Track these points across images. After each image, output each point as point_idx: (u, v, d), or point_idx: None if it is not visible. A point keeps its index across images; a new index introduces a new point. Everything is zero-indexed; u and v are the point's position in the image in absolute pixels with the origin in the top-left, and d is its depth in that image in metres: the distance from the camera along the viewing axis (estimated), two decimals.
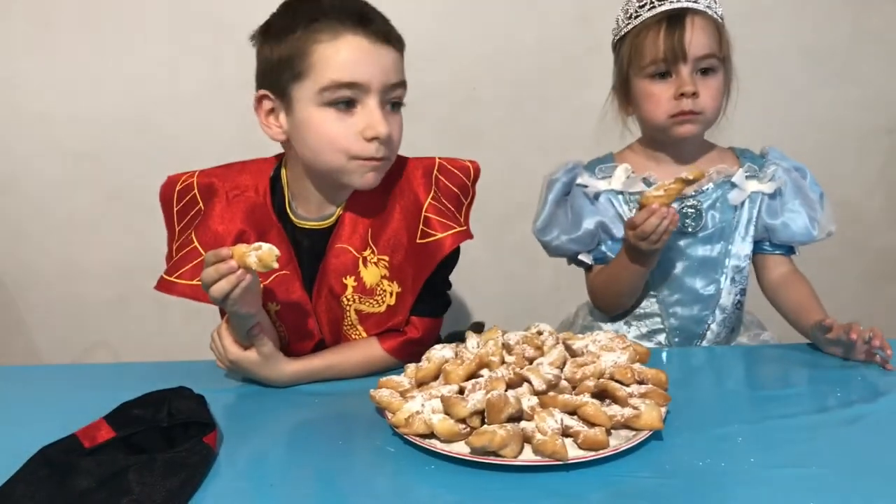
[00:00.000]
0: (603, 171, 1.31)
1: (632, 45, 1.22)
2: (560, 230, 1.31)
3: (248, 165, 1.14)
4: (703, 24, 1.19)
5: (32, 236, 2.00)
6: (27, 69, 1.87)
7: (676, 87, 1.19)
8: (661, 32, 1.18)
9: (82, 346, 2.09)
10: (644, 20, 1.20)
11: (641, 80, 1.23)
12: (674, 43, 1.17)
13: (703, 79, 1.21)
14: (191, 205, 1.10)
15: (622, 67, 1.26)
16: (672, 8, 1.19)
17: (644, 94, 1.23)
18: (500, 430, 0.82)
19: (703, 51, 1.18)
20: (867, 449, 0.86)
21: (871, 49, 1.88)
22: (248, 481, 0.83)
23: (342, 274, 1.08)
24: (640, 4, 1.22)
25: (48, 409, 1.03)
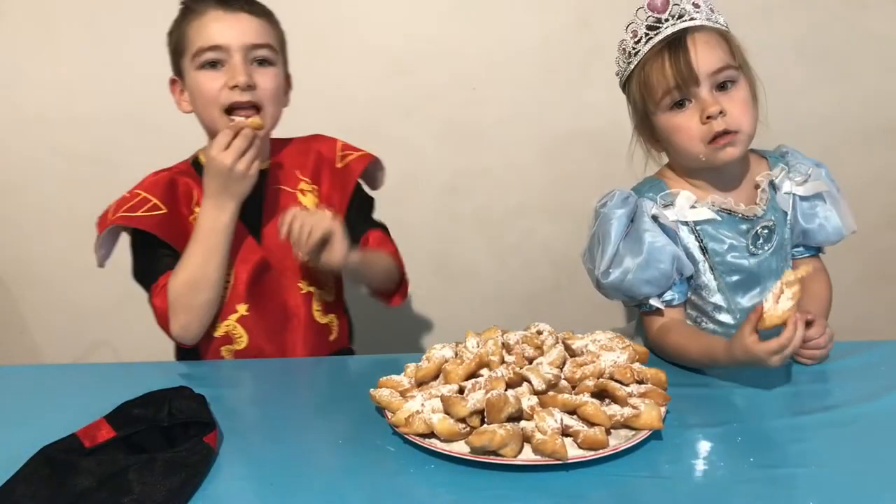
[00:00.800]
0: (664, 199, 1.18)
1: (640, 83, 1.16)
2: (629, 270, 1.14)
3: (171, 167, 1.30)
4: (706, 39, 1.11)
5: (32, 236, 2.00)
6: (27, 69, 1.87)
7: (700, 111, 1.10)
8: (664, 61, 1.11)
9: (83, 346, 2.09)
10: (644, 55, 1.14)
11: (662, 114, 1.15)
12: (680, 68, 1.10)
13: (725, 94, 1.12)
14: (132, 193, 1.24)
15: (637, 107, 1.20)
16: (670, 34, 1.12)
17: (670, 128, 1.14)
18: (499, 429, 0.82)
19: (715, 65, 1.10)
20: (867, 449, 0.86)
21: (871, 49, 1.88)
22: (248, 481, 0.83)
23: (286, 207, 1.18)
24: (636, 40, 1.15)
25: (48, 408, 1.03)
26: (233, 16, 1.15)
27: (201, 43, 1.15)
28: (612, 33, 1.85)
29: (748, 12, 1.81)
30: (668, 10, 1.12)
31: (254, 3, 1.19)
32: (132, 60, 1.85)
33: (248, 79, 1.14)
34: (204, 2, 1.17)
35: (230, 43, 1.15)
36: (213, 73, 1.16)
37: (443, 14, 1.84)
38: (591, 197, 1.95)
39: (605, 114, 1.89)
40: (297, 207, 1.17)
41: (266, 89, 1.17)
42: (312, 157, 1.28)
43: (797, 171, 1.22)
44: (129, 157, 1.90)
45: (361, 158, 1.29)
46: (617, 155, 1.94)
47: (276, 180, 1.25)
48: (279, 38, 1.23)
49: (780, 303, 0.94)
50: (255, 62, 1.17)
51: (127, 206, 1.18)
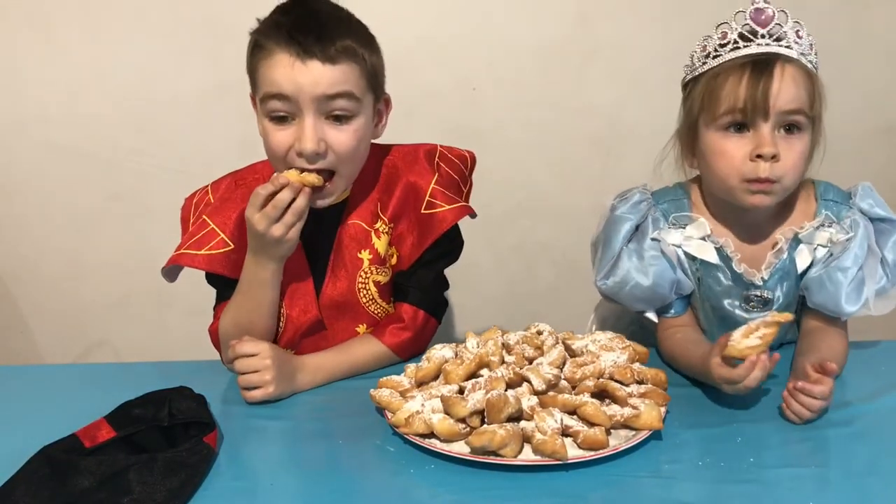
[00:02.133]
0: (678, 220, 1.11)
1: (707, 88, 1.04)
2: (626, 283, 1.10)
3: (256, 164, 1.18)
4: (794, 75, 1.00)
5: (32, 236, 2.00)
6: (27, 69, 1.87)
7: (754, 145, 1.00)
8: (743, 78, 1.00)
9: (83, 346, 2.09)
10: (724, 62, 1.02)
11: (713, 131, 1.04)
12: (757, 92, 0.98)
13: (787, 138, 1.01)
14: (205, 209, 1.15)
15: (690, 112, 1.08)
16: (760, 52, 1.00)
17: (715, 149, 1.03)
18: (500, 429, 0.82)
19: (791, 105, 0.99)
20: (867, 449, 0.86)
21: (871, 49, 1.88)
22: (248, 481, 0.84)
23: (357, 248, 1.13)
24: (722, 43, 1.03)
25: (49, 408, 1.03)
26: (304, 65, 0.98)
27: (267, 88, 1.00)
28: (612, 33, 1.86)
29: None
30: (769, 26, 1.01)
31: (333, 40, 0.99)
32: (132, 60, 1.85)
33: (317, 146, 1.00)
34: (275, 40, 0.99)
35: (299, 96, 0.98)
36: (281, 127, 1.01)
37: (443, 14, 1.84)
38: (591, 197, 1.95)
39: (605, 114, 1.90)
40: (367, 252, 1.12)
41: (340, 150, 1.02)
42: (399, 193, 1.13)
43: (843, 228, 1.07)
44: (129, 157, 1.90)
45: (451, 212, 1.13)
46: (617, 155, 1.96)
47: (353, 213, 1.12)
48: (366, 73, 1.04)
49: (749, 339, 0.91)
50: (330, 117, 1.02)
51: (193, 239, 1.10)
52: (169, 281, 1.17)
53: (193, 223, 1.15)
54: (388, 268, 1.16)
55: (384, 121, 1.14)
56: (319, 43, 0.99)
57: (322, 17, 1.02)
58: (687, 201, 1.13)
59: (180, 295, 1.77)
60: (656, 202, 1.13)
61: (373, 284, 1.15)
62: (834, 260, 1.05)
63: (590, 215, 1.97)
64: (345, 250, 1.13)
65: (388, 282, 1.17)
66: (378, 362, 1.13)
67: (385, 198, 1.14)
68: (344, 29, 1.03)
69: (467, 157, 1.23)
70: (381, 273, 1.15)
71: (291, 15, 1.02)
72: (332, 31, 1.01)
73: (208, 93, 1.85)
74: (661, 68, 1.86)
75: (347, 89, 1.01)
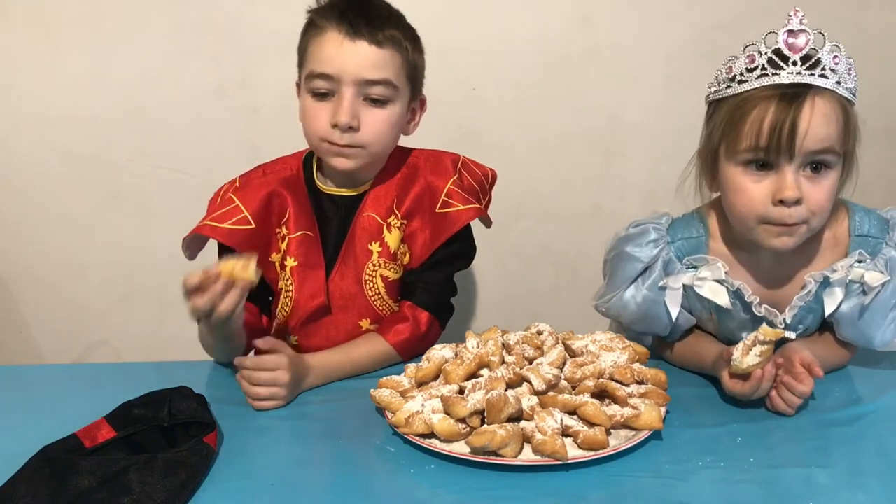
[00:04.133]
0: (694, 261, 1.05)
1: (729, 117, 0.95)
2: (626, 311, 1.08)
3: (286, 156, 1.21)
4: (825, 110, 0.91)
5: (32, 236, 2.00)
6: (27, 69, 1.87)
7: (776, 188, 0.93)
8: (768, 114, 0.91)
9: (83, 346, 2.08)
10: (751, 90, 0.94)
11: (733, 165, 0.96)
12: (783, 132, 0.90)
13: (813, 177, 0.94)
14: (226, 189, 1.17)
15: (712, 138, 1.00)
16: (790, 83, 0.92)
17: (734, 185, 0.96)
18: (500, 429, 0.82)
19: (819, 145, 0.92)
20: (867, 449, 0.86)
21: (871, 49, 1.88)
22: (248, 481, 0.83)
23: (368, 240, 1.15)
24: (750, 67, 0.94)
25: (49, 408, 1.03)
26: (352, 43, 1.03)
27: (313, 66, 1.06)
28: (613, 33, 1.86)
29: (748, 12, 1.81)
30: (803, 51, 0.92)
31: (382, 27, 1.06)
32: (132, 60, 1.85)
33: (350, 120, 1.04)
34: (328, 18, 1.05)
35: (342, 75, 1.04)
36: (321, 103, 1.07)
37: (443, 14, 1.84)
38: (591, 197, 1.96)
39: (605, 114, 1.90)
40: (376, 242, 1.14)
41: (372, 130, 1.07)
42: (415, 192, 1.16)
43: (877, 267, 1.00)
44: (129, 157, 1.90)
45: (465, 212, 1.15)
46: (616, 155, 1.96)
47: (369, 205, 1.16)
48: (407, 66, 1.10)
49: (748, 356, 0.92)
50: (367, 99, 1.07)
51: (218, 212, 1.12)
52: (188, 257, 1.16)
53: (219, 203, 1.16)
54: (398, 265, 1.17)
55: (417, 119, 1.19)
56: (368, 26, 1.04)
57: (375, 6, 1.09)
58: (704, 238, 1.06)
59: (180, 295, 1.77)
60: (672, 238, 1.06)
61: (380, 279, 1.16)
62: (868, 298, 0.99)
63: (590, 215, 1.98)
64: (357, 241, 1.15)
65: (396, 279, 1.18)
66: (380, 361, 1.14)
67: (402, 194, 1.16)
68: (394, 21, 1.09)
69: (489, 172, 1.26)
70: (389, 269, 1.16)
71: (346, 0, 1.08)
72: (383, 20, 1.07)
73: (208, 93, 1.84)
74: (661, 68, 1.86)
75: (387, 77, 1.06)
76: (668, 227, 1.07)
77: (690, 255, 1.05)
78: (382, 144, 1.11)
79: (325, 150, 1.10)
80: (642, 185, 1.94)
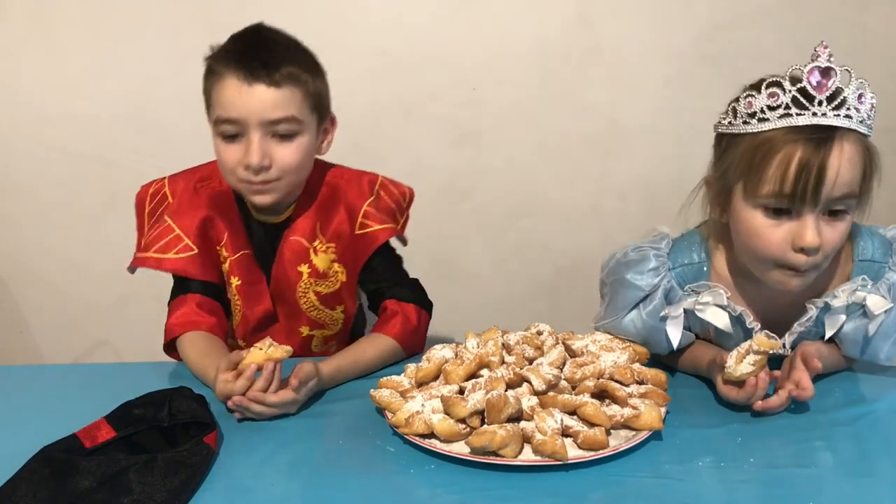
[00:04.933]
0: (696, 287, 1.03)
1: (749, 158, 0.91)
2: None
3: (214, 163, 1.21)
4: (851, 154, 0.87)
5: (32, 236, 2.00)
6: (27, 69, 1.87)
7: (796, 234, 0.90)
8: (794, 160, 0.86)
9: (83, 346, 2.09)
10: (773, 129, 0.88)
11: (750, 207, 0.92)
12: (808, 181, 0.86)
13: (830, 221, 0.91)
14: (161, 202, 1.22)
15: (727, 175, 0.95)
16: (817, 124, 0.87)
17: (751, 228, 0.93)
18: (500, 430, 0.82)
19: (843, 190, 0.88)
20: (867, 449, 0.86)
21: (871, 49, 1.88)
22: (248, 481, 0.83)
23: (296, 262, 1.20)
24: (772, 104, 0.88)
25: (49, 409, 1.03)
26: (251, 88, 1.05)
27: (219, 112, 1.09)
28: (613, 33, 1.86)
29: (748, 12, 1.82)
30: (828, 90, 0.87)
31: (279, 66, 1.07)
32: (132, 60, 1.85)
33: (262, 160, 1.07)
34: (225, 64, 1.08)
35: (246, 119, 1.07)
36: (232, 145, 1.09)
37: (443, 14, 1.84)
38: (591, 197, 1.96)
39: (604, 114, 1.90)
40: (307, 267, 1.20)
41: (283, 167, 1.10)
42: (336, 215, 1.21)
43: (879, 291, 0.98)
44: (129, 157, 1.90)
45: (381, 232, 1.21)
46: (616, 155, 1.96)
47: (295, 230, 1.20)
48: (309, 97, 1.11)
49: (742, 364, 0.92)
50: (275, 136, 1.09)
51: (161, 242, 1.17)
52: (131, 272, 1.23)
53: (153, 221, 1.20)
54: (331, 281, 1.23)
55: (330, 138, 1.21)
56: (265, 68, 1.06)
57: (269, 45, 1.10)
58: (706, 264, 1.03)
59: None
60: (672, 263, 1.03)
61: (313, 294, 1.23)
62: (872, 326, 0.97)
63: (590, 215, 1.98)
64: (286, 264, 1.20)
65: (331, 292, 1.23)
66: (386, 358, 1.15)
67: (324, 219, 1.21)
68: (289, 56, 1.10)
69: (407, 192, 1.29)
70: (321, 285, 1.23)
71: (242, 42, 1.11)
72: (278, 58, 1.08)
73: None
74: (661, 68, 1.86)
75: (290, 114, 1.08)
76: (669, 252, 1.05)
77: (692, 282, 1.03)
78: (297, 175, 1.14)
79: (243, 188, 1.13)
80: (642, 185, 1.94)
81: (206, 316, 1.17)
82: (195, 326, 1.15)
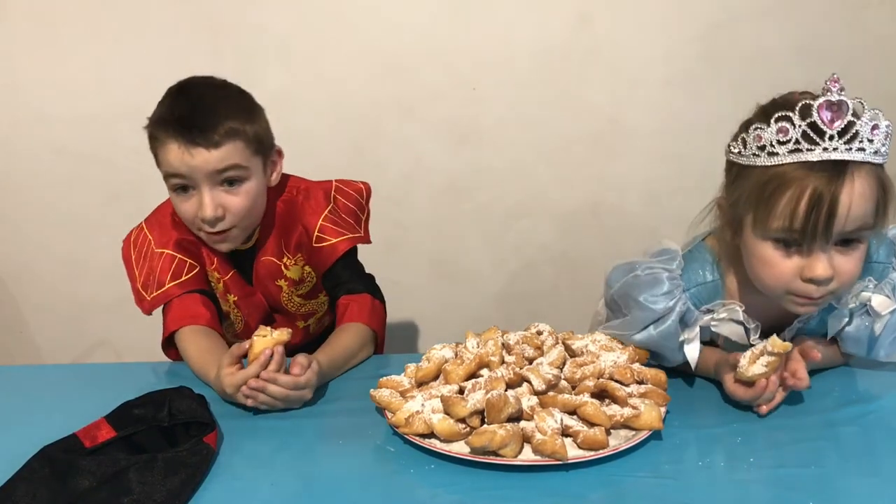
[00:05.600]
0: (711, 305, 1.02)
1: (759, 191, 0.89)
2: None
3: None
4: (863, 189, 0.85)
5: (32, 236, 2.00)
6: (27, 69, 1.87)
7: (806, 265, 0.89)
8: (804, 196, 0.85)
9: (83, 346, 2.09)
10: (783, 164, 0.87)
11: (760, 239, 0.92)
12: (819, 218, 0.85)
13: (844, 251, 0.90)
14: (143, 243, 1.26)
15: (737, 206, 0.94)
16: (828, 160, 0.85)
17: (761, 258, 0.92)
18: (500, 429, 0.82)
19: (856, 224, 0.87)
20: (867, 449, 0.86)
21: (871, 49, 1.88)
22: (248, 481, 0.84)
23: (272, 279, 1.28)
24: (781, 139, 0.87)
25: (49, 409, 1.03)
26: (191, 153, 1.10)
27: (166, 168, 1.13)
28: (613, 33, 1.86)
29: (748, 12, 1.81)
30: (840, 122, 0.85)
31: (215, 128, 1.10)
32: (132, 60, 1.85)
33: (214, 211, 1.12)
34: (164, 132, 1.12)
35: (192, 174, 1.11)
36: (185, 198, 1.14)
37: (443, 14, 1.84)
38: (591, 197, 1.96)
39: (605, 114, 1.90)
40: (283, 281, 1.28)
41: (236, 212, 1.15)
42: (296, 234, 1.26)
43: (883, 290, 0.98)
44: (129, 157, 1.90)
45: (338, 245, 1.25)
46: (616, 155, 1.96)
47: (265, 251, 1.27)
48: (250, 143, 1.14)
49: (755, 365, 0.92)
50: (224, 183, 1.13)
51: (171, 271, 1.22)
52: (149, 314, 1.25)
53: (144, 262, 1.24)
54: (307, 282, 1.30)
55: (278, 168, 1.24)
56: (203, 133, 1.10)
57: (205, 104, 1.13)
58: (720, 282, 1.02)
59: None
60: (686, 285, 1.01)
61: (296, 297, 1.31)
62: (878, 326, 0.98)
63: (590, 215, 1.98)
64: (265, 281, 1.28)
65: (310, 289, 1.31)
66: (360, 341, 1.18)
67: (286, 238, 1.27)
68: (225, 111, 1.12)
69: (363, 188, 1.33)
70: (301, 288, 1.30)
71: (176, 106, 1.13)
72: (213, 119, 1.11)
73: None
74: (661, 68, 1.86)
75: (234, 163, 1.12)
76: (681, 272, 1.02)
77: (707, 301, 1.02)
78: (252, 216, 1.19)
79: (204, 237, 1.18)
80: (642, 185, 1.94)
81: (204, 309, 1.19)
82: (194, 321, 1.17)
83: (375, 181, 1.38)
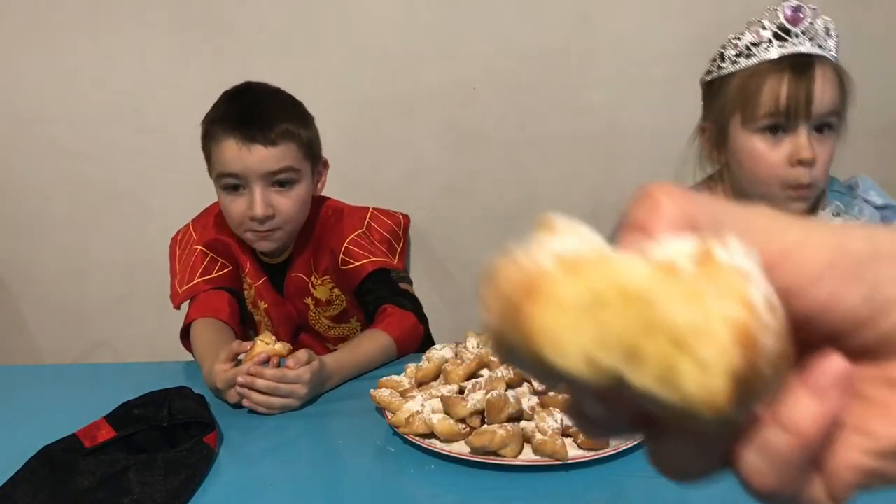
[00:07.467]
0: None
1: (743, 89, 1.03)
2: None
3: None
4: (830, 76, 1.01)
5: (32, 236, 2.00)
6: (27, 69, 1.87)
7: (793, 149, 1.01)
8: (783, 79, 0.99)
9: (83, 346, 2.08)
10: (761, 62, 1.01)
11: (749, 133, 1.03)
12: (800, 94, 0.98)
13: (819, 138, 1.02)
14: (187, 241, 1.30)
15: (721, 111, 1.07)
16: (799, 52, 1.00)
17: (751, 152, 1.03)
18: (500, 429, 0.82)
19: (828, 107, 1.01)
20: None
21: (870, 49, 1.88)
22: (248, 481, 0.83)
23: (300, 297, 1.30)
24: (754, 42, 1.02)
25: (49, 408, 1.03)
26: (248, 149, 1.13)
27: (220, 168, 1.16)
28: (613, 33, 1.86)
29: (748, 12, 1.81)
30: (801, 24, 1.00)
31: (273, 126, 1.15)
32: (132, 60, 1.85)
33: (265, 210, 1.15)
34: (222, 128, 1.15)
35: (247, 174, 1.14)
36: (235, 196, 1.17)
37: (443, 14, 1.84)
38: (591, 197, 1.96)
39: (604, 114, 1.90)
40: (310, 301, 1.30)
41: (286, 213, 1.18)
42: (325, 256, 1.29)
43: (852, 216, 1.09)
44: (130, 157, 1.90)
45: (365, 265, 1.25)
46: (616, 155, 1.96)
47: (295, 268, 1.29)
48: (303, 147, 1.19)
49: None
50: (275, 184, 1.16)
51: (202, 266, 1.25)
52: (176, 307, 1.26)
53: (185, 256, 1.28)
54: (334, 305, 1.32)
55: (323, 180, 1.29)
56: (261, 131, 1.14)
57: (263, 105, 1.18)
58: None
59: None
60: None
61: (324, 318, 1.33)
62: None
63: (590, 215, 1.98)
64: (293, 297, 1.31)
65: (340, 312, 1.33)
66: (384, 355, 1.16)
67: (316, 257, 1.29)
68: (281, 114, 1.17)
69: (401, 220, 1.36)
70: (329, 310, 1.32)
71: (236, 104, 1.18)
72: (272, 118, 1.16)
73: (208, 93, 1.84)
74: (661, 68, 1.86)
75: (287, 164, 1.16)
76: None
77: None
78: (298, 221, 1.23)
79: (249, 237, 1.21)
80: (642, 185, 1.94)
81: (226, 306, 1.22)
82: (213, 314, 1.19)
83: (375, 181, 1.38)
